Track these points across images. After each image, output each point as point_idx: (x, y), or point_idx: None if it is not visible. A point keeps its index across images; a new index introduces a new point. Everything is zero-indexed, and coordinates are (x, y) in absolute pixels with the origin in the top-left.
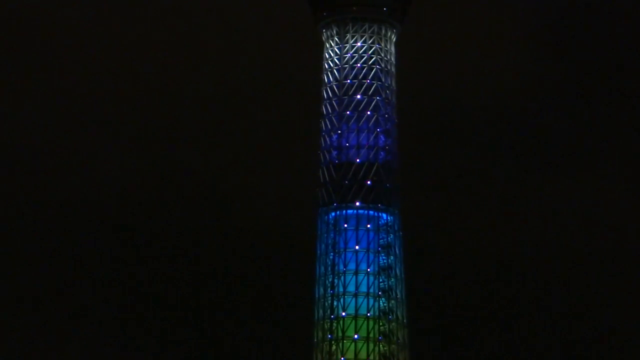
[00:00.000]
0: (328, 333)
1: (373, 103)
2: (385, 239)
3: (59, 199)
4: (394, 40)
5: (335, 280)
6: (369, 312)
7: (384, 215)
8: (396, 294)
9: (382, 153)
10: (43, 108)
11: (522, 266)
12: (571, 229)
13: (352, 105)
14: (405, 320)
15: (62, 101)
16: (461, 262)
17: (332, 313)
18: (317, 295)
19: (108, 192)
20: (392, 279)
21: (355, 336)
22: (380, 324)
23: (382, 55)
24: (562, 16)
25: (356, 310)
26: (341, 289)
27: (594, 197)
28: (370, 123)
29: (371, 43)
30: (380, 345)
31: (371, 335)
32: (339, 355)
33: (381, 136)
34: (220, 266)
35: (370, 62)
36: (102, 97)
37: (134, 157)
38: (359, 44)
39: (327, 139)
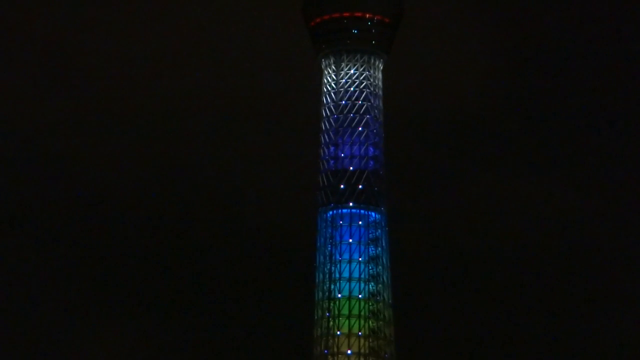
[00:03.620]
0: (326, 311)
1: (364, 120)
2: (374, 234)
3: (73, 201)
4: (381, 67)
5: (333, 268)
6: (360, 294)
7: (373, 214)
8: (383, 279)
9: (371, 162)
10: (61, 113)
11: (484, 252)
12: (538, 224)
13: (347, 122)
14: (390, 301)
15: (79, 107)
16: (437, 252)
17: (329, 295)
18: (317, 280)
19: (116, 192)
20: (380, 267)
21: (349, 315)
22: (370, 304)
23: (371, 80)
24: (530, 37)
25: (350, 292)
26: (337, 275)
27: (567, 198)
28: (362, 137)
29: (362, 70)
30: (370, 322)
31: (362, 313)
32: (336, 330)
33: (370, 148)
34: (231, 257)
35: (362, 86)
36: (116, 104)
37: (141, 161)
38: (352, 71)
39: (326, 150)
